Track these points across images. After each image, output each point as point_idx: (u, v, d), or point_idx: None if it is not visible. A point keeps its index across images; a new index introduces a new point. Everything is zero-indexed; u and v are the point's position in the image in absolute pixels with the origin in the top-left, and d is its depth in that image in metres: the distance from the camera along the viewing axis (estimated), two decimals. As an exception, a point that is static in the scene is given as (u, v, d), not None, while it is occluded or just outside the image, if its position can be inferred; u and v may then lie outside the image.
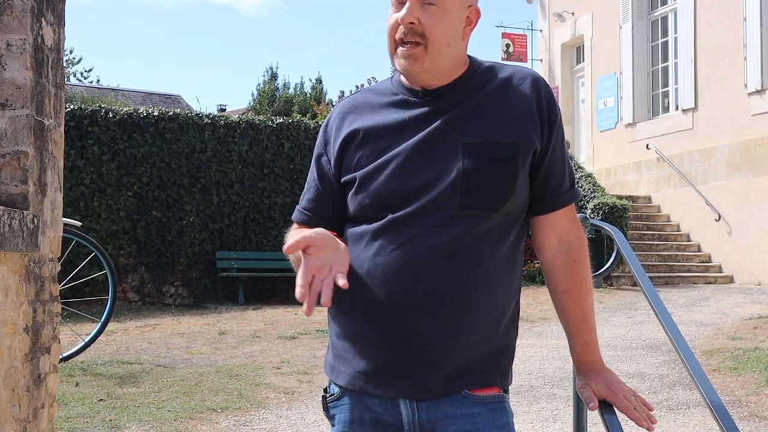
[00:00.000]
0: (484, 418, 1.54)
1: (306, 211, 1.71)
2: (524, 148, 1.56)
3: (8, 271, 2.31)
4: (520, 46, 18.20)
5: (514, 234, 1.59)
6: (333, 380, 1.64)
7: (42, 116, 2.54)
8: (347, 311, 1.59)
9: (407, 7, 1.54)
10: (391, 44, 1.58)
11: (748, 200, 12.25)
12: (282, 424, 4.59)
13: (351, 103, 1.69)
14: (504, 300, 1.58)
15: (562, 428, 4.49)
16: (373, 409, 1.57)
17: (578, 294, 1.66)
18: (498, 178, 1.54)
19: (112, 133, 11.33)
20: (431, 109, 1.59)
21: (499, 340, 1.58)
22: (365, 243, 1.58)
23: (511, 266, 1.59)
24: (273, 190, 12.10)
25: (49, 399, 2.64)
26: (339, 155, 1.64)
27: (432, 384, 1.53)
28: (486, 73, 1.63)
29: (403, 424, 1.55)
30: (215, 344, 7.38)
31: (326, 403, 1.66)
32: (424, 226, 1.52)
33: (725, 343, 7.01)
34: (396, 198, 1.55)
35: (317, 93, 27.63)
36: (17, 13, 2.42)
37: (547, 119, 1.60)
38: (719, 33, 12.94)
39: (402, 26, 1.55)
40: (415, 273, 1.51)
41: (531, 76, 1.63)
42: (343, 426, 1.62)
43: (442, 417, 1.53)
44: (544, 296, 9.84)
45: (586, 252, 1.69)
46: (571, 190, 1.67)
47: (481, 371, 1.56)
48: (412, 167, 1.55)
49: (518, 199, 1.58)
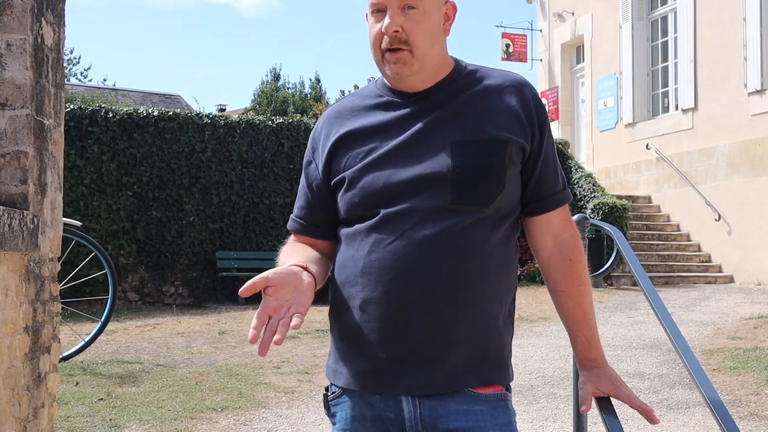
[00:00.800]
0: (486, 415, 1.55)
1: (298, 219, 1.74)
2: (512, 143, 1.57)
3: (8, 271, 2.31)
4: (520, 46, 18.20)
5: (506, 228, 1.61)
6: (334, 383, 1.65)
7: (42, 116, 2.54)
8: (346, 313, 1.60)
9: (389, 15, 1.56)
10: (377, 54, 1.60)
11: (748, 200, 12.25)
12: (282, 424, 4.60)
13: (337, 110, 1.71)
14: (500, 292, 1.59)
15: (562, 428, 4.49)
16: (374, 406, 1.58)
17: (576, 292, 1.68)
18: (487, 174, 1.55)
19: (112, 133, 11.33)
20: (417, 108, 1.61)
21: (500, 335, 1.60)
22: (359, 241, 1.59)
23: (505, 259, 1.60)
24: (273, 190, 12.10)
25: (49, 398, 2.64)
26: (327, 160, 1.65)
27: (435, 379, 1.54)
28: (470, 76, 1.65)
29: (404, 420, 1.56)
30: (215, 344, 7.38)
31: (327, 402, 1.67)
32: (415, 221, 1.54)
33: (725, 343, 7.01)
34: (386, 195, 1.56)
35: (316, 93, 27.66)
36: (17, 12, 2.42)
37: (537, 122, 1.62)
38: (719, 33, 12.94)
39: (386, 36, 1.57)
40: (409, 267, 1.53)
41: (517, 81, 1.65)
42: (345, 423, 1.62)
43: (444, 413, 1.54)
44: (544, 296, 9.84)
45: (581, 251, 1.71)
46: (563, 190, 1.69)
47: (484, 369, 1.57)
48: (401, 164, 1.57)
49: (509, 194, 1.59)
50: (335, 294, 1.65)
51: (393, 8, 1.55)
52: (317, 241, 1.71)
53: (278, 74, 29.47)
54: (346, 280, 1.60)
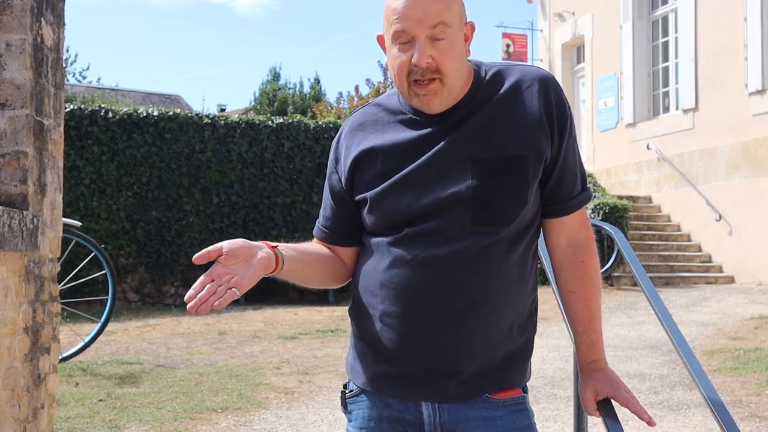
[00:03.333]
0: (505, 421, 1.57)
1: (324, 229, 1.74)
2: (534, 158, 1.56)
3: (8, 271, 2.30)
4: (520, 46, 18.21)
5: (528, 238, 1.61)
6: (352, 380, 1.66)
7: (41, 116, 2.54)
8: (366, 317, 1.62)
9: (419, 48, 1.51)
10: (403, 84, 1.56)
11: (749, 200, 12.24)
12: (282, 425, 4.59)
13: (360, 120, 1.69)
14: (520, 304, 1.60)
15: (563, 428, 4.49)
16: (393, 407, 1.60)
17: (586, 294, 1.67)
18: (509, 193, 1.54)
19: (112, 133, 11.33)
20: (439, 128, 1.59)
21: (516, 341, 1.60)
22: (381, 254, 1.60)
23: (525, 269, 1.61)
24: (273, 190, 12.10)
25: (48, 399, 2.64)
26: (350, 174, 1.65)
27: (451, 389, 1.56)
28: (492, 81, 1.61)
29: (424, 424, 1.57)
30: (215, 344, 7.38)
31: (345, 399, 1.68)
32: (437, 240, 1.54)
33: (726, 344, 7.00)
34: (408, 217, 1.57)
35: (316, 93, 27.66)
36: (17, 12, 2.42)
37: (557, 125, 1.59)
38: (720, 33, 12.93)
39: (417, 67, 1.53)
40: (427, 286, 1.54)
41: (539, 78, 1.61)
42: (362, 422, 1.63)
43: (463, 419, 1.56)
44: (544, 296, 9.80)
45: (595, 253, 1.69)
46: (583, 192, 1.67)
47: (500, 373, 1.58)
48: (422, 187, 1.56)
49: (530, 209, 1.59)
50: (357, 295, 1.66)
51: (422, 39, 1.51)
52: (340, 248, 1.72)
53: (278, 74, 29.48)
54: (367, 288, 1.62)
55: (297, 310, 10.17)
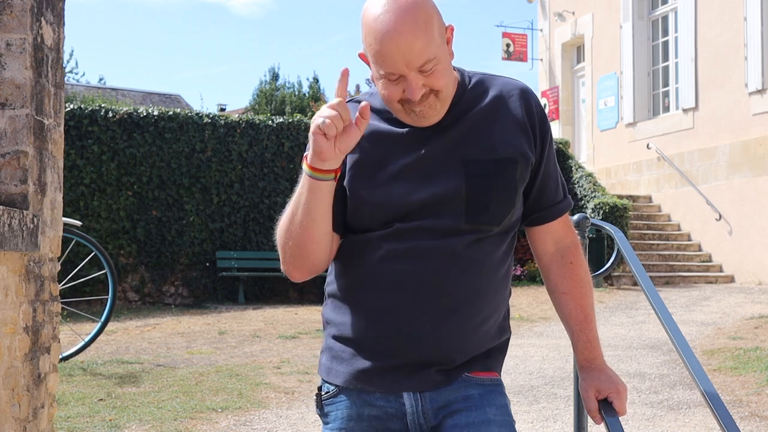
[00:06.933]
0: (482, 398, 1.60)
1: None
2: (522, 161, 1.60)
3: (8, 271, 2.30)
4: (520, 46, 18.19)
5: (508, 241, 1.65)
6: (329, 381, 1.65)
7: (42, 116, 2.54)
8: (349, 315, 1.62)
9: (410, 82, 1.49)
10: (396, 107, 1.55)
11: (749, 200, 12.25)
12: (282, 424, 4.59)
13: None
14: (502, 303, 1.66)
15: (563, 428, 4.49)
16: (373, 404, 1.60)
17: (578, 294, 1.71)
18: (500, 194, 1.58)
19: (112, 132, 11.33)
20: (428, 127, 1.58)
21: (495, 339, 1.66)
22: (371, 248, 1.59)
23: (506, 270, 1.66)
24: (273, 189, 12.10)
25: (48, 399, 2.64)
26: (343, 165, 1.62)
27: (436, 378, 1.58)
28: (475, 89, 1.63)
29: (406, 415, 1.59)
30: (215, 344, 7.38)
31: (321, 401, 1.67)
32: (427, 236, 1.56)
33: (726, 343, 7.00)
34: (399, 212, 1.57)
35: (315, 92, 27.65)
36: (17, 12, 2.42)
37: (539, 133, 1.64)
38: (720, 32, 12.93)
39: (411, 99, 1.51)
40: (419, 280, 1.55)
41: (520, 89, 1.65)
42: (340, 423, 1.63)
43: (444, 403, 1.59)
44: (544, 296, 9.84)
45: (582, 254, 1.75)
46: (564, 199, 1.72)
47: (481, 358, 1.63)
48: (414, 183, 1.56)
49: (516, 211, 1.64)
50: (335, 293, 1.65)
51: (411, 75, 1.49)
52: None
53: (277, 74, 29.45)
54: (353, 283, 1.61)
55: (297, 310, 10.18)
